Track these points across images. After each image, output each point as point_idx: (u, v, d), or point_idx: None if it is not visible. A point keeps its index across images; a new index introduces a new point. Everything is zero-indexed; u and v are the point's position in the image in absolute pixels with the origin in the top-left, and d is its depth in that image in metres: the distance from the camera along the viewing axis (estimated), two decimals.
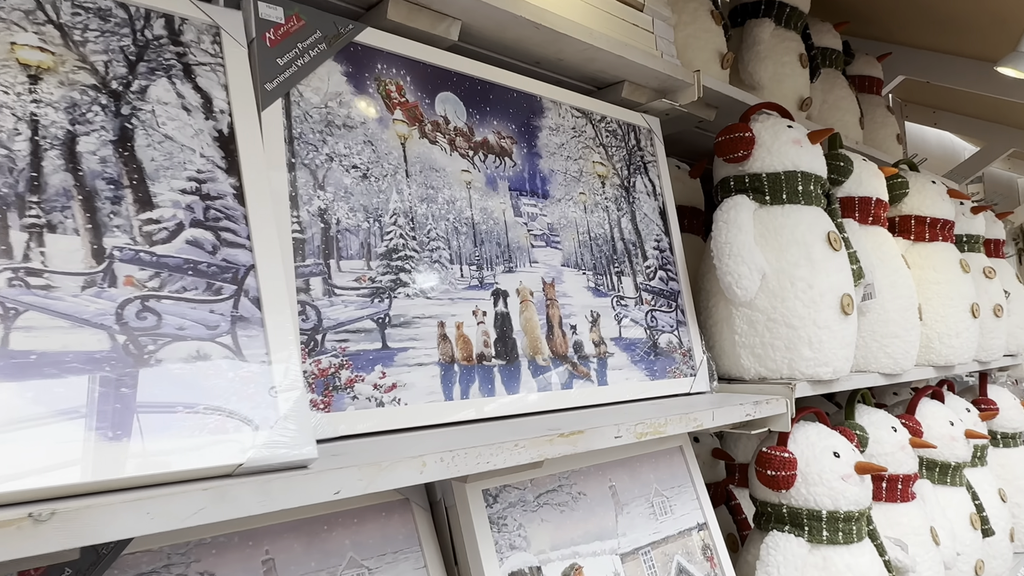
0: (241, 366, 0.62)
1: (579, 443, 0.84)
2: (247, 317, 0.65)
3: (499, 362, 0.97)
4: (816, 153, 1.33)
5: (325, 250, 0.83)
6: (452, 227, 0.97)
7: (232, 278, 0.66)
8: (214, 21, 0.79)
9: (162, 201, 0.66)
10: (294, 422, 0.62)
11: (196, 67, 0.75)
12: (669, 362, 1.22)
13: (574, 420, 0.94)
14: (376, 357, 0.84)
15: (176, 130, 0.70)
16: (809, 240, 1.26)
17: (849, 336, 1.28)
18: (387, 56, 0.97)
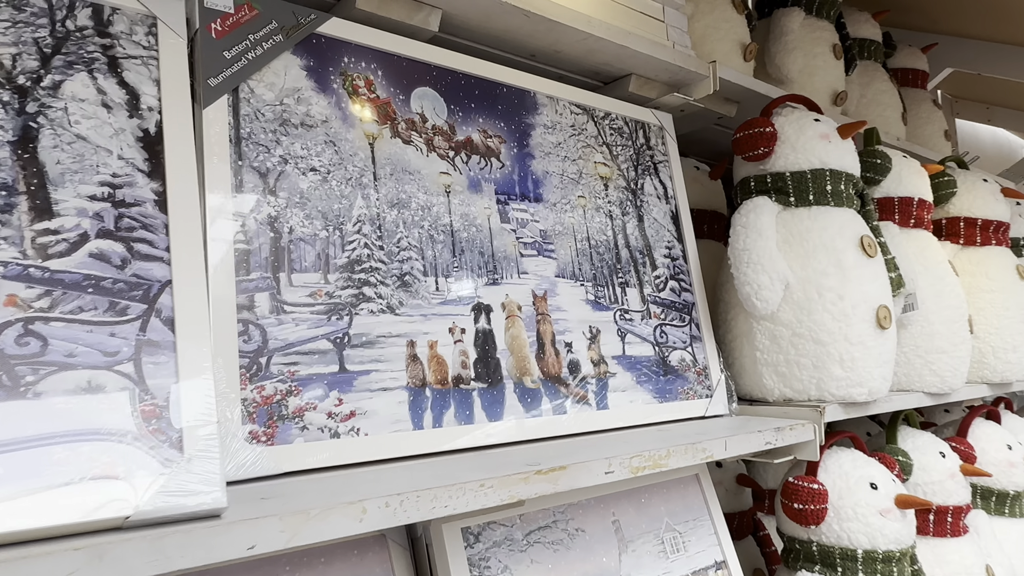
0: (142, 399, 0.53)
1: (561, 481, 0.73)
2: (156, 341, 0.56)
3: (479, 385, 0.87)
4: (847, 149, 1.20)
5: (275, 262, 0.75)
6: (427, 235, 0.88)
7: (143, 296, 0.58)
8: (150, 11, 0.71)
9: (64, 209, 0.58)
10: (201, 464, 0.53)
11: (124, 60, 0.68)
12: (681, 382, 1.10)
13: (563, 451, 0.83)
14: (332, 382, 0.75)
15: (92, 129, 0.63)
16: (839, 245, 1.13)
17: (886, 353, 1.14)
18: (355, 49, 0.88)
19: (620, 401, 1.00)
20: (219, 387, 0.67)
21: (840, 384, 1.10)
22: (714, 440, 0.91)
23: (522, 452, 0.83)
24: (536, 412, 0.91)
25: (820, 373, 1.10)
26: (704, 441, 0.90)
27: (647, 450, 0.83)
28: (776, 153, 1.18)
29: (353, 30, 0.88)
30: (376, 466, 0.75)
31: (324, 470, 0.72)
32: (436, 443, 0.80)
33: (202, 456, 0.53)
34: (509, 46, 1.08)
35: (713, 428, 1.02)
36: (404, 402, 0.79)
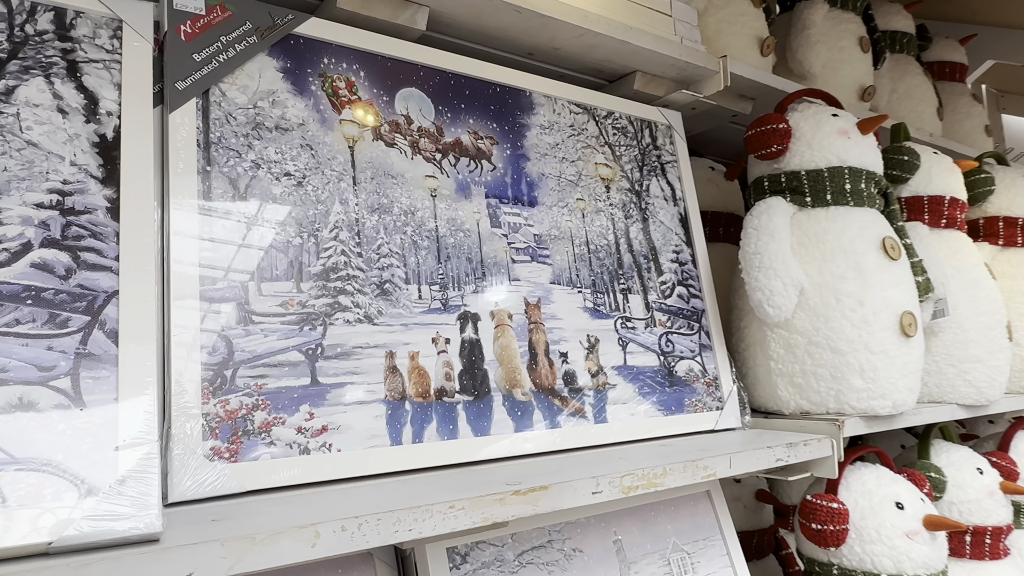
0: (77, 416, 0.51)
1: (541, 502, 0.69)
2: (97, 355, 0.54)
3: (464, 398, 0.83)
4: (868, 145, 1.13)
5: (243, 271, 0.72)
6: (410, 241, 0.84)
7: (86, 307, 0.55)
8: (115, 14, 0.70)
9: (7, 218, 0.56)
10: (136, 486, 0.50)
11: (85, 65, 0.66)
12: (689, 393, 1.04)
13: (550, 469, 0.78)
14: (303, 395, 0.72)
15: (44, 135, 0.61)
16: (859, 248, 1.05)
17: (912, 362, 1.06)
18: (336, 49, 0.85)
19: (620, 414, 0.95)
20: (179, 401, 0.64)
21: (861, 396, 1.03)
22: (717, 457, 0.85)
23: (508, 469, 0.78)
24: (527, 426, 0.86)
25: (839, 384, 1.03)
26: (706, 458, 0.84)
27: (640, 468, 0.77)
28: (791, 151, 1.12)
29: (334, 30, 0.85)
30: (350, 484, 0.72)
31: (293, 488, 0.69)
32: (415, 460, 0.76)
33: (137, 477, 0.50)
34: (504, 44, 1.04)
35: (721, 443, 0.96)
36: (381, 416, 0.76)
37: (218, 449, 0.65)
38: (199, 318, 0.67)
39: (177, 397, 0.64)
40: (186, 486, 0.62)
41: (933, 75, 2.06)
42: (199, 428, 0.64)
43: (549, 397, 0.90)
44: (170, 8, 0.74)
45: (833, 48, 1.58)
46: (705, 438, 1.01)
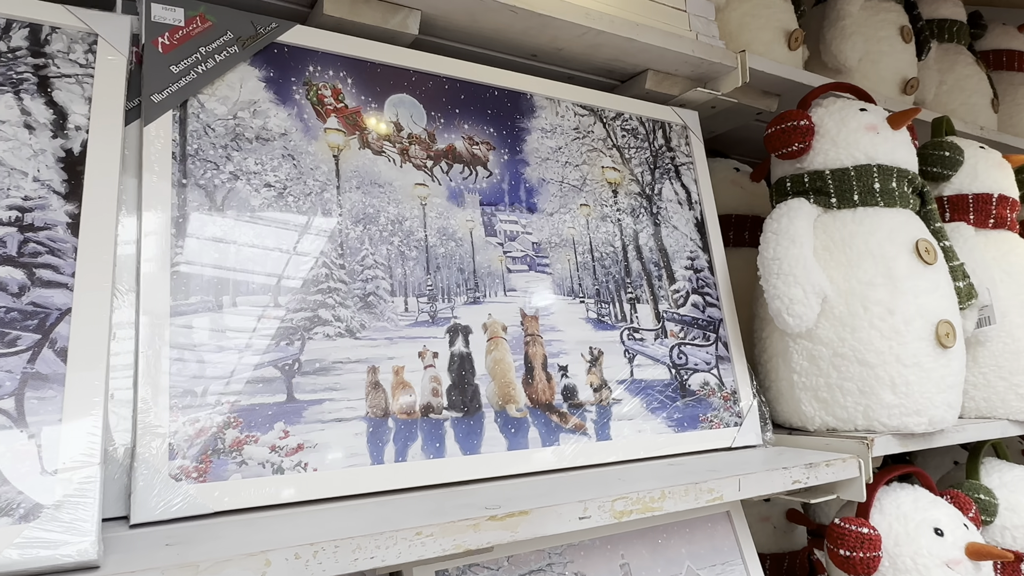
0: (17, 437, 0.49)
1: (521, 528, 0.65)
2: (45, 374, 0.53)
3: (453, 414, 0.79)
4: (900, 141, 1.05)
5: (217, 284, 0.70)
6: (396, 252, 0.82)
7: (38, 325, 0.54)
8: (91, 28, 0.69)
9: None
10: (72, 511, 0.48)
11: (56, 80, 0.66)
12: (704, 408, 0.98)
13: (539, 491, 0.74)
14: (278, 412, 0.69)
15: (8, 152, 0.60)
16: (889, 252, 0.98)
17: (951, 375, 0.98)
18: (322, 57, 0.83)
19: (625, 431, 0.90)
20: (145, 419, 0.63)
21: (892, 412, 0.95)
22: (725, 479, 0.79)
23: (495, 490, 0.74)
24: (521, 445, 0.82)
25: (868, 399, 0.96)
26: (712, 480, 0.78)
27: (635, 491, 0.72)
28: (814, 149, 1.05)
29: (320, 37, 0.83)
30: (327, 505, 0.69)
31: (265, 509, 0.67)
32: (398, 480, 0.73)
33: (75, 502, 0.49)
34: (504, 46, 1.00)
35: (735, 463, 0.90)
36: (362, 434, 0.73)
37: (186, 469, 0.64)
38: (168, 333, 0.66)
39: (143, 415, 0.63)
40: (150, 507, 0.61)
41: (988, 65, 1.93)
42: (165, 447, 0.63)
43: (546, 413, 0.85)
44: (148, 20, 0.73)
45: (871, 39, 1.49)
46: (719, 456, 0.94)
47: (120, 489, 0.62)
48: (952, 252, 1.06)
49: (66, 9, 0.69)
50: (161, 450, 0.63)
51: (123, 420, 0.64)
